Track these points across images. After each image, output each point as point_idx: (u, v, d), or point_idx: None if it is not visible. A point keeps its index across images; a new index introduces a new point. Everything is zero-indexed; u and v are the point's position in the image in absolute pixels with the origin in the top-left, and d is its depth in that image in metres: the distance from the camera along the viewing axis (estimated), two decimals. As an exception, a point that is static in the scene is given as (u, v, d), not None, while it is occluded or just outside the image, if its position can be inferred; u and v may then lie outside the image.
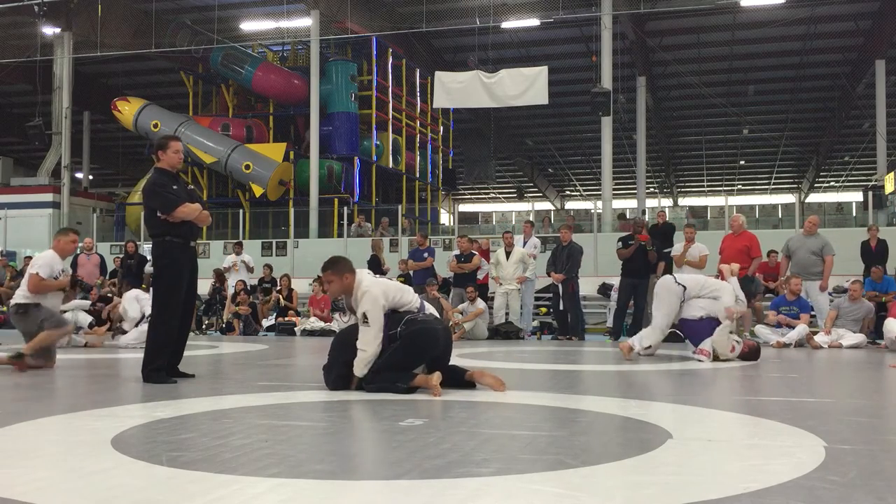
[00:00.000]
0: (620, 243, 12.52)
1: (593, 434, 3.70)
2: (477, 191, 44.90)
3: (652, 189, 38.14)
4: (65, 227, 7.52)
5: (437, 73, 19.88)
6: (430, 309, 5.37)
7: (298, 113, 23.19)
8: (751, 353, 7.76)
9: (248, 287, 15.08)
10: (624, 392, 5.36)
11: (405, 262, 14.61)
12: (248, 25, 23.98)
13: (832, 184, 42.46)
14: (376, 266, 15.02)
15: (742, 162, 39.32)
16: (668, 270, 12.62)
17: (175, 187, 5.92)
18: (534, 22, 21.15)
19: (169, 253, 5.88)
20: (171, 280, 5.89)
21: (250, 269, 15.96)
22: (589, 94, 19.02)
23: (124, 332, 10.02)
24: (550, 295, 13.06)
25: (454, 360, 5.77)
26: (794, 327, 10.18)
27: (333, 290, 5.27)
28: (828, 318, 10.64)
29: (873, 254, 12.67)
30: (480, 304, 12.46)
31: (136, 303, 10.08)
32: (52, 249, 7.28)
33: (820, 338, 10.14)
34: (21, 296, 7.01)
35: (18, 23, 23.27)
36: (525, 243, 13.00)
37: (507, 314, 12.54)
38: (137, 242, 17.16)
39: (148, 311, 9.63)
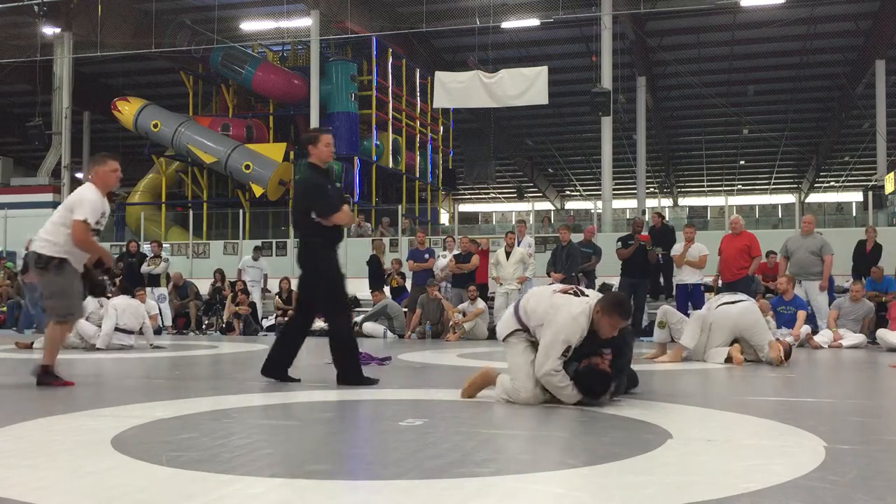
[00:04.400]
0: (620, 243, 12.53)
1: (593, 434, 3.70)
2: (477, 191, 44.87)
3: (652, 189, 38.12)
4: (102, 152, 5.94)
5: (437, 73, 19.86)
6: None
7: (298, 113, 23.18)
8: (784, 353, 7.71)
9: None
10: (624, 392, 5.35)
11: (398, 262, 14.65)
12: (248, 25, 23.96)
13: (832, 184, 42.43)
14: (376, 266, 15.02)
15: (742, 162, 39.30)
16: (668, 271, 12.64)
17: (329, 187, 5.74)
18: (534, 22, 21.14)
19: (324, 256, 5.62)
20: (333, 281, 5.65)
21: (264, 276, 15.93)
22: (589, 94, 19.00)
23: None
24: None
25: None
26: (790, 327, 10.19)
27: None
28: (829, 317, 10.65)
29: (865, 256, 12.56)
30: (480, 303, 12.47)
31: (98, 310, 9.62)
32: (92, 184, 5.63)
33: (820, 338, 10.14)
34: (50, 243, 5.44)
35: (18, 23, 23.23)
36: (519, 243, 13.02)
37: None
38: (138, 242, 17.14)
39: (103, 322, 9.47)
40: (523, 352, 4.56)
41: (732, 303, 7.82)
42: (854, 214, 31.31)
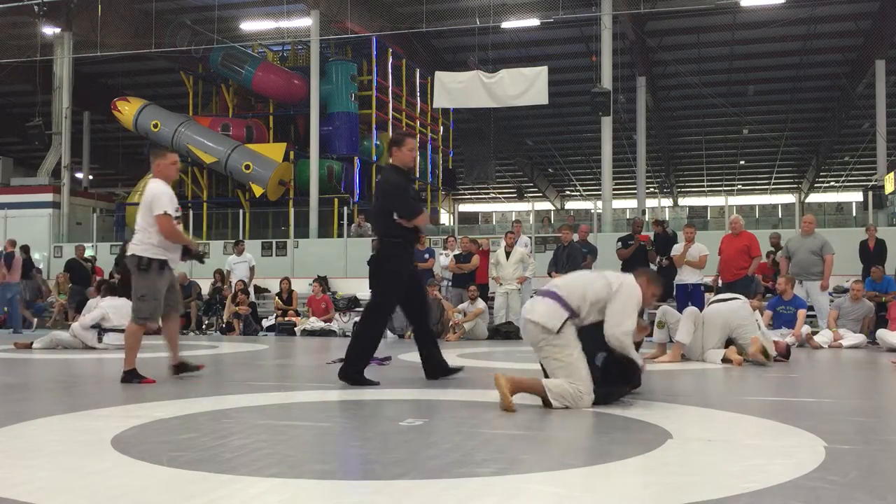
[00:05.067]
0: (620, 243, 12.53)
1: (593, 434, 3.70)
2: (477, 191, 44.87)
3: (652, 189, 38.14)
4: (161, 146, 6.66)
5: (438, 73, 19.86)
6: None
7: (298, 113, 23.19)
8: (782, 354, 7.74)
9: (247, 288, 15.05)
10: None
11: None
12: (248, 25, 23.96)
13: (832, 184, 42.44)
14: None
15: (742, 162, 39.30)
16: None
17: (411, 189, 5.98)
18: (534, 22, 21.13)
19: (398, 256, 5.79)
20: (393, 283, 5.78)
21: (251, 269, 15.87)
22: (589, 94, 19.00)
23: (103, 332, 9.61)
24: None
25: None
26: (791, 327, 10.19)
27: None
28: (829, 317, 10.65)
29: (871, 254, 12.65)
30: (480, 304, 12.47)
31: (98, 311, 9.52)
32: (156, 178, 5.96)
33: (820, 338, 10.14)
34: (149, 245, 5.75)
35: (18, 23, 23.23)
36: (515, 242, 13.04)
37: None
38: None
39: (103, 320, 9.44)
40: (579, 351, 4.42)
41: (725, 300, 7.86)
42: (854, 214, 31.28)
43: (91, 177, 32.35)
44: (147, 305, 5.77)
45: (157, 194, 5.76)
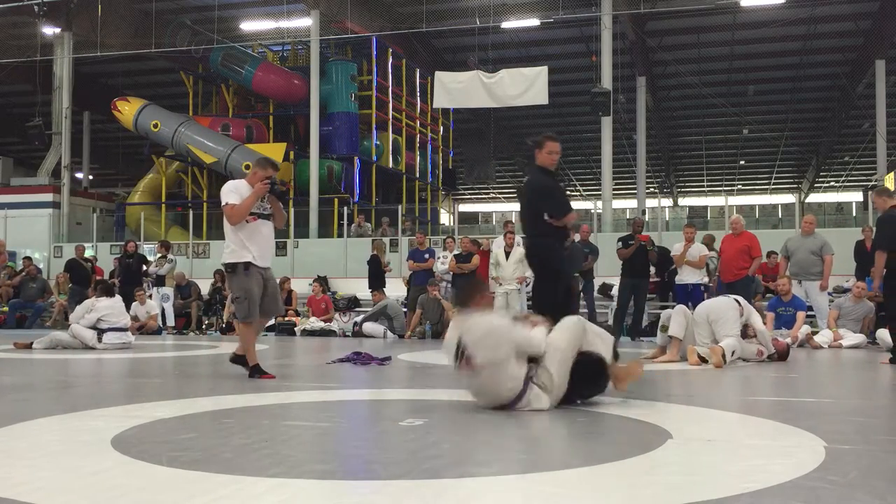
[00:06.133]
0: (620, 243, 12.53)
1: (593, 434, 3.70)
2: (477, 191, 44.85)
3: (652, 189, 38.13)
4: (267, 157, 6.51)
5: (438, 73, 19.86)
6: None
7: (298, 113, 23.18)
8: (781, 354, 7.74)
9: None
10: (624, 392, 5.35)
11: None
12: (248, 25, 23.96)
13: (832, 184, 42.43)
14: (377, 266, 15.03)
15: (742, 162, 39.29)
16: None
17: (559, 188, 6.04)
18: (534, 22, 21.14)
19: (558, 256, 5.86)
20: (568, 281, 5.97)
21: None
22: (589, 94, 19.00)
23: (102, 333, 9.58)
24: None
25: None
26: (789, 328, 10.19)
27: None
28: (829, 317, 10.65)
29: (867, 254, 12.62)
30: (480, 304, 12.44)
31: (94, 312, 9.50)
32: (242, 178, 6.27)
33: (820, 338, 10.15)
34: (231, 251, 5.97)
35: (18, 23, 23.23)
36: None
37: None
38: (137, 242, 17.13)
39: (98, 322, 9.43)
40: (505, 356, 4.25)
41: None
42: (854, 214, 31.29)
43: (91, 177, 32.34)
44: (241, 306, 5.94)
45: (223, 191, 5.94)
